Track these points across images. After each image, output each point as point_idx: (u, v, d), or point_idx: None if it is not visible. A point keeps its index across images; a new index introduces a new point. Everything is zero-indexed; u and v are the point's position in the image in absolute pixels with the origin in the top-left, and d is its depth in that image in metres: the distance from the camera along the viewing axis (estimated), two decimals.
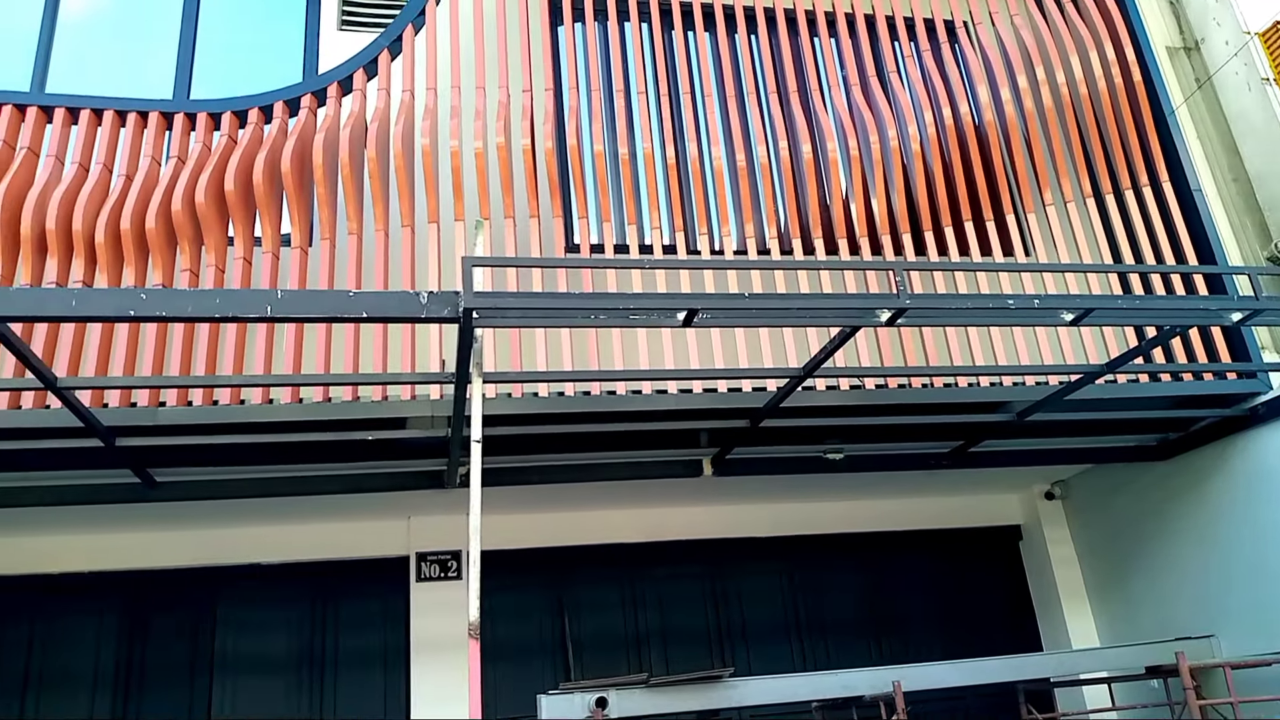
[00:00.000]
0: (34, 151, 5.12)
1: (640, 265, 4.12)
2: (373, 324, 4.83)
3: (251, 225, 5.16)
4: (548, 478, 5.65)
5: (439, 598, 6.59)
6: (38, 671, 6.31)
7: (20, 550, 6.28)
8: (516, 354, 5.05)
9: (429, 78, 5.53)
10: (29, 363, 3.79)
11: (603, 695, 5.06)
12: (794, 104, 6.15)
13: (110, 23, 6.66)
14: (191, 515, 5.97)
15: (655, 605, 7.14)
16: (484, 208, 5.30)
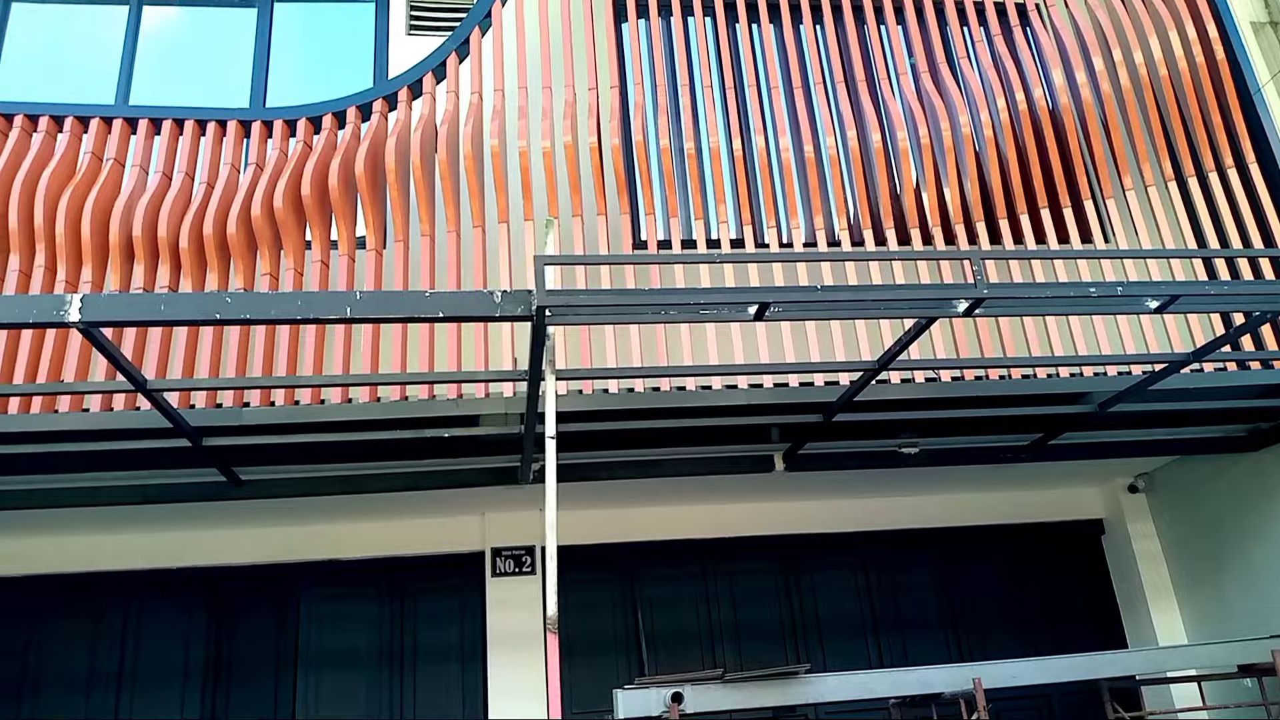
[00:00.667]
0: (120, 162, 5.31)
1: (710, 259, 4.11)
2: (447, 323, 4.90)
3: (328, 229, 5.27)
4: (619, 474, 5.67)
5: (514, 593, 6.66)
6: (131, 665, 6.55)
7: (114, 547, 6.52)
8: (586, 351, 5.08)
9: (496, 79, 5.59)
10: (120, 366, 3.92)
11: (678, 690, 5.04)
12: (862, 93, 6.07)
13: (188, 36, 6.87)
14: (275, 512, 6.13)
15: (728, 600, 7.12)
16: (552, 206, 5.34)
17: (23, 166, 5.10)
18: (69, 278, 4.99)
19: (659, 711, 5.14)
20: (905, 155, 5.86)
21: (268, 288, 5.10)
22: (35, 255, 5.01)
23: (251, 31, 6.62)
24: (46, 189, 5.04)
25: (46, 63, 6.61)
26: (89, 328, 3.51)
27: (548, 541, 3.67)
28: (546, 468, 3.80)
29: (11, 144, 5.17)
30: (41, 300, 3.50)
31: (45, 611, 6.56)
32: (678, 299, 3.69)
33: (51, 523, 6.08)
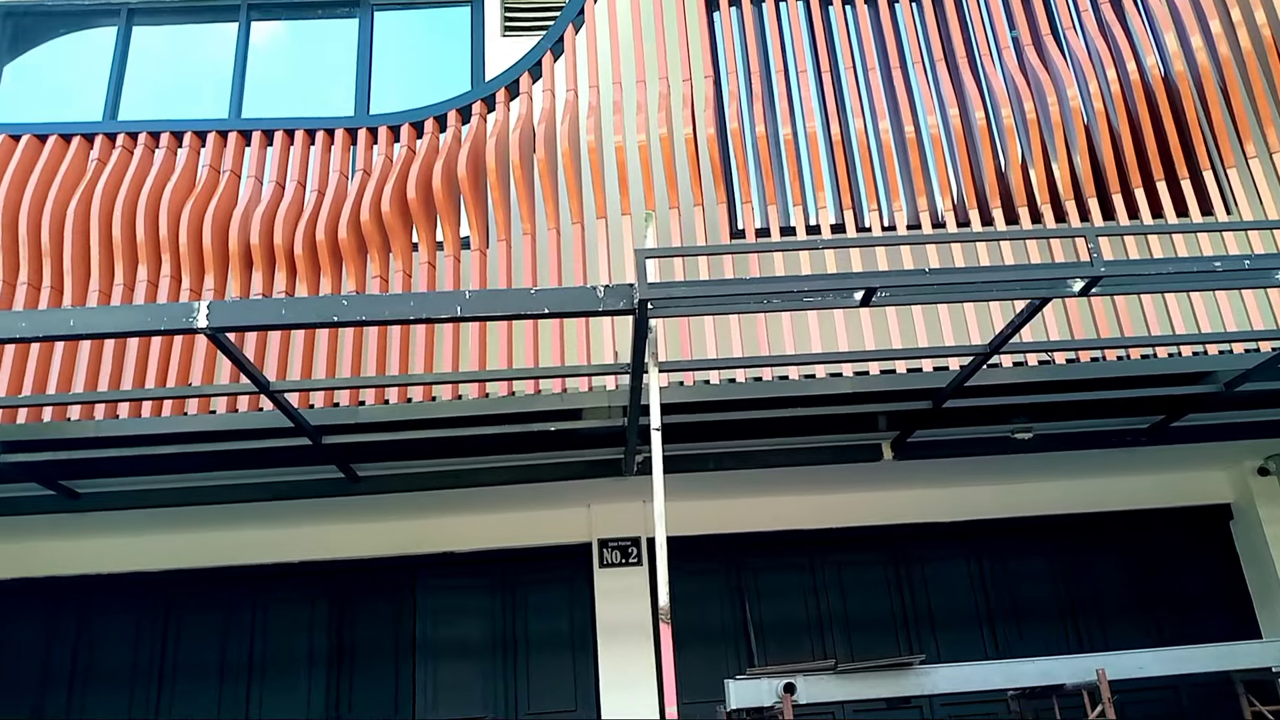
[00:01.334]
0: (236, 173, 5.55)
1: (812, 246, 4.06)
2: (550, 319, 4.97)
3: (433, 230, 5.41)
4: (723, 465, 5.66)
5: (621, 583, 6.73)
6: (260, 655, 6.85)
7: (242, 543, 6.83)
8: (686, 342, 5.09)
9: (591, 75, 5.64)
10: (244, 368, 4.10)
11: (790, 681, 5.02)
12: (963, 69, 5.91)
13: (291, 48, 7.13)
14: (390, 507, 6.32)
15: (836, 591, 7.05)
16: (649, 199, 5.36)
17: (147, 182, 5.38)
18: (193, 286, 5.25)
19: (771, 702, 5.12)
20: (1011, 131, 5.68)
21: (378, 290, 5.26)
22: (161, 266, 5.28)
23: (349, 41, 6.84)
24: (169, 202, 5.30)
25: (164, 81, 6.95)
26: (215, 333, 3.68)
27: (657, 532, 3.69)
28: (653, 460, 3.82)
29: (136, 161, 5.45)
30: (171, 309, 3.68)
31: (180, 604, 6.92)
32: (780, 287, 3.66)
33: (185, 520, 6.40)
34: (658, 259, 4.56)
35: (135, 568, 6.84)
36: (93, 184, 5.35)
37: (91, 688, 6.81)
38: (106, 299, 5.20)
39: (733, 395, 4.97)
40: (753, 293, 3.64)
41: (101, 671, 6.83)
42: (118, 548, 6.84)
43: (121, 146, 5.48)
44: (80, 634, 6.92)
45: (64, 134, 5.51)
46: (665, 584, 3.64)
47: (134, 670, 6.83)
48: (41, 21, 7.03)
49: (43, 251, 5.25)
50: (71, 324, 3.67)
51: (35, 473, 5.20)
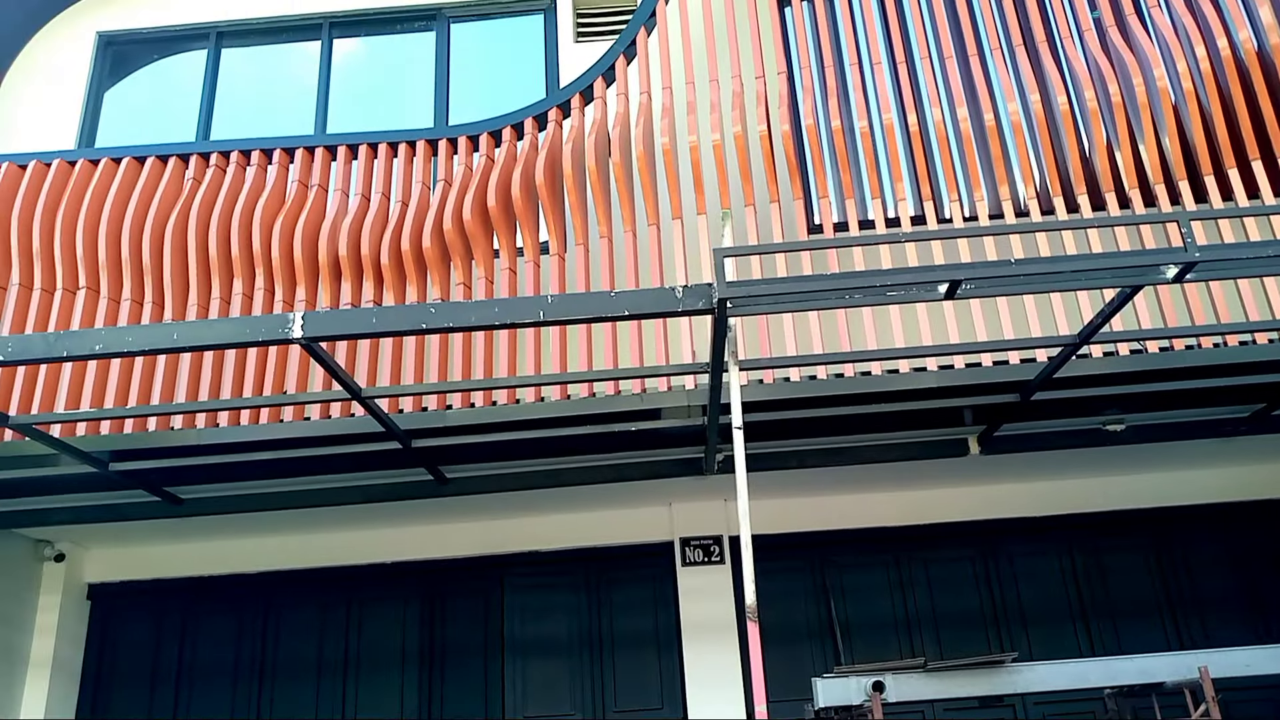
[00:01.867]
0: (323, 187, 5.73)
1: (894, 239, 4.01)
2: (630, 320, 5.01)
3: (513, 237, 5.51)
4: (806, 462, 5.64)
5: (704, 582, 6.75)
6: (355, 653, 7.06)
7: (335, 545, 7.06)
8: (765, 339, 5.09)
9: (664, 77, 5.67)
10: (337, 376, 4.24)
11: (879, 679, 4.97)
12: (1043, 54, 5.78)
13: (370, 64, 7.32)
14: (477, 507, 6.45)
15: (924, 588, 6.95)
16: (725, 198, 5.37)
17: (240, 198, 5.59)
18: (285, 297, 5.44)
19: (859, 700, 5.08)
20: (1095, 115, 5.53)
21: (461, 296, 5.38)
22: (255, 279, 5.48)
23: (426, 55, 6.99)
24: (261, 217, 5.50)
25: (253, 101, 7.21)
26: (310, 342, 3.82)
27: (741, 531, 3.71)
28: (736, 458, 3.84)
29: (229, 179, 5.67)
30: (267, 320, 3.84)
31: (279, 604, 7.18)
32: (862, 281, 3.64)
33: (282, 524, 6.64)
34: (735, 257, 4.56)
35: (236, 569, 7.12)
36: (189, 202, 5.58)
37: (197, 686, 7.10)
38: (205, 312, 5.42)
39: (814, 392, 4.95)
40: (834, 288, 3.63)
41: (206, 669, 7.12)
42: (219, 551, 7.13)
43: (215, 165, 5.70)
44: (185, 634, 7.22)
45: (161, 155, 5.76)
46: (751, 582, 3.65)
47: (236, 668, 7.10)
48: (137, 48, 7.35)
49: (144, 268, 5.49)
50: (175, 337, 3.85)
51: (142, 480, 5.45)
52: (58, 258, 5.50)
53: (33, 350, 3.88)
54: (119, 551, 7.25)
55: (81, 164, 5.69)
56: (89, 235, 5.51)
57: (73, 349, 3.79)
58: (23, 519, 6.08)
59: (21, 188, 5.61)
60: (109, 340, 3.81)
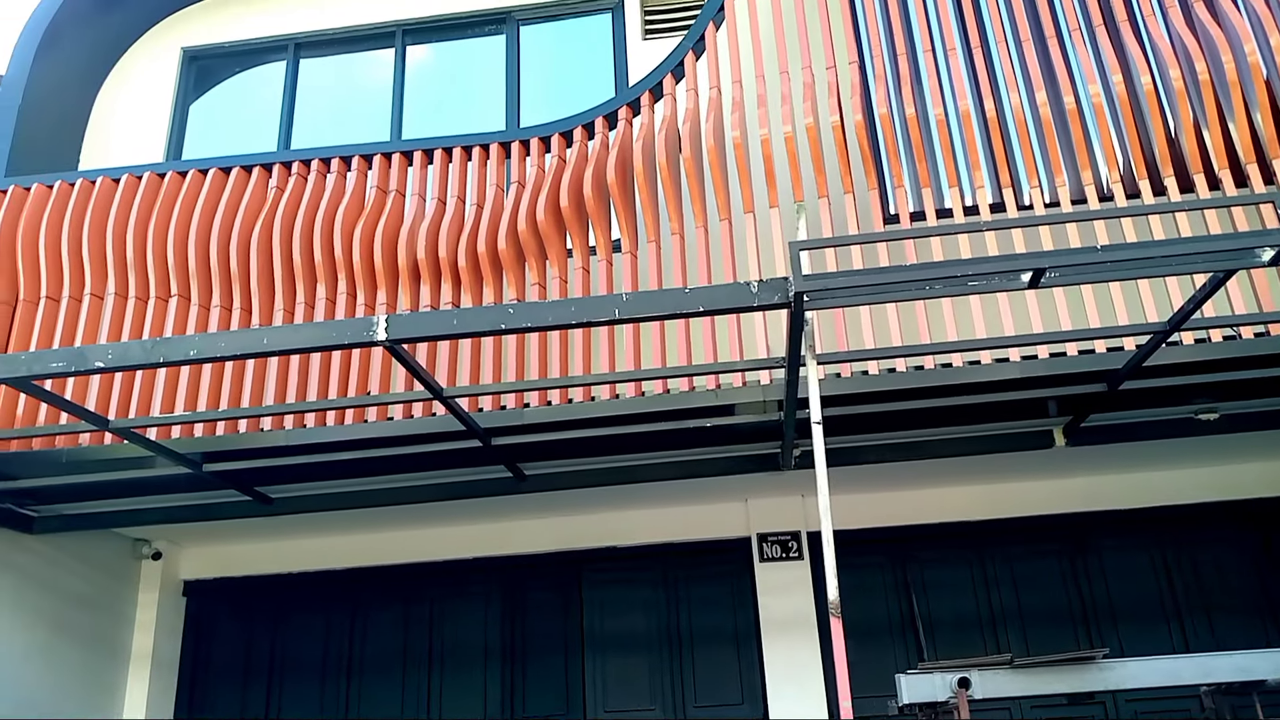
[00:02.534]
0: (400, 192, 5.84)
1: (974, 228, 3.94)
2: (704, 317, 5.01)
3: (586, 236, 5.54)
4: (885, 456, 5.57)
5: (783, 578, 6.72)
6: (439, 647, 7.21)
7: (418, 541, 7.20)
8: (841, 333, 5.03)
9: (734, 71, 5.65)
10: (420, 376, 4.32)
11: (965, 676, 4.89)
12: (1125, 33, 5.60)
13: (443, 70, 7.44)
14: (555, 504, 6.52)
15: (1008, 584, 6.81)
16: (797, 191, 5.33)
17: (321, 205, 5.73)
18: (367, 301, 5.56)
19: (945, 697, 5.01)
20: (1182, 94, 5.34)
21: (536, 296, 5.44)
22: (337, 283, 5.62)
23: (494, 58, 7.08)
24: (342, 223, 5.63)
25: (330, 109, 7.38)
26: (393, 344, 3.90)
27: (823, 526, 3.68)
28: (815, 453, 3.81)
29: (310, 187, 5.82)
30: (353, 324, 3.93)
31: (366, 600, 7.36)
32: (943, 272, 3.58)
33: (366, 521, 6.80)
34: (810, 250, 4.51)
35: (323, 566, 7.32)
36: (273, 210, 5.74)
37: (288, 679, 7.33)
38: (290, 317, 5.58)
39: (894, 385, 4.88)
40: (914, 279, 3.58)
41: (296, 664, 7.34)
42: (307, 548, 7.34)
43: (296, 174, 5.86)
44: (276, 629, 7.45)
45: (245, 165, 5.94)
46: (833, 578, 3.63)
47: (324, 663, 7.30)
48: (220, 62, 7.60)
49: (231, 275, 5.68)
50: (265, 342, 3.97)
51: (233, 480, 5.63)
52: (150, 267, 5.72)
53: (131, 357, 4.05)
54: (212, 549, 7.52)
55: (170, 176, 5.90)
56: (179, 244, 5.71)
57: (169, 355, 3.94)
58: (122, 519, 6.33)
59: (115, 200, 5.84)
60: (203, 346, 3.95)
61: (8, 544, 6.11)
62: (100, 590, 6.90)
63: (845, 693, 3.50)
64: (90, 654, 6.71)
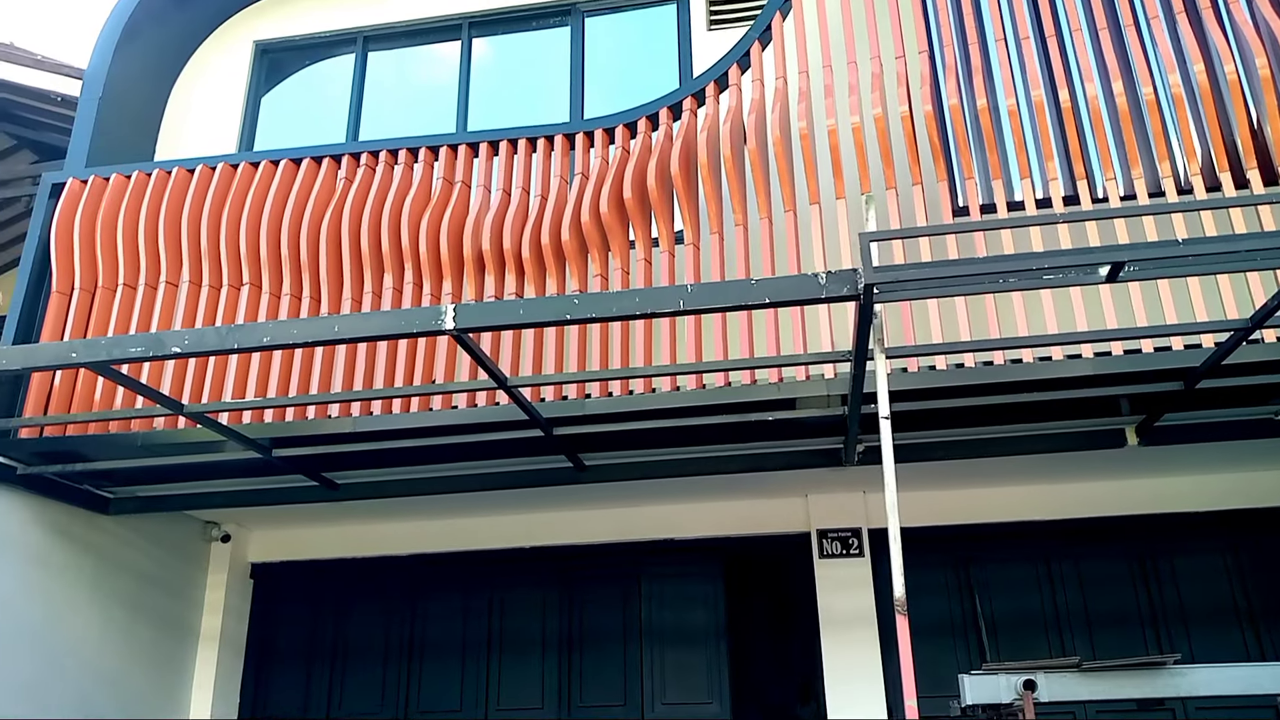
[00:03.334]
0: (465, 184, 5.89)
1: (1051, 220, 3.84)
2: (766, 309, 4.97)
3: (649, 227, 5.54)
4: (951, 454, 5.48)
5: (842, 575, 6.64)
6: (498, 635, 7.28)
7: (478, 529, 7.28)
8: (908, 327, 4.96)
9: (800, 60, 5.59)
10: (485, 365, 4.36)
11: (1031, 678, 4.80)
12: (1208, 20, 5.42)
13: (507, 63, 7.48)
14: (614, 495, 6.53)
15: (1075, 586, 6.66)
16: (864, 183, 5.26)
17: (389, 197, 5.80)
18: (433, 291, 5.63)
19: (1009, 699, 4.92)
20: (1267, 83, 5.14)
21: (599, 288, 5.45)
22: (404, 273, 5.68)
23: (566, 52, 7.10)
24: (409, 214, 5.70)
25: (398, 101, 7.47)
26: (460, 333, 3.94)
27: (890, 523, 3.64)
28: (883, 449, 3.76)
29: (378, 178, 5.90)
30: (421, 313, 3.98)
31: (427, 586, 7.46)
32: (1017, 265, 3.50)
33: (428, 508, 6.89)
34: (879, 242, 4.45)
35: (386, 552, 7.43)
36: (342, 201, 5.83)
37: (351, 662, 7.46)
38: (357, 305, 5.66)
39: (962, 381, 4.80)
40: (987, 272, 3.51)
41: (358, 647, 7.47)
42: (370, 534, 7.45)
43: (365, 165, 5.94)
44: (339, 612, 7.59)
45: (315, 156, 6.03)
46: (900, 575, 3.58)
47: (385, 647, 7.42)
48: (290, 55, 7.74)
49: (301, 265, 5.78)
50: (336, 329, 4.04)
51: (300, 465, 5.75)
52: (223, 255, 5.85)
53: (206, 343, 4.15)
54: (279, 533, 7.68)
55: (243, 167, 6.02)
56: (251, 234, 5.83)
57: (242, 341, 4.02)
58: (193, 501, 6.51)
59: (190, 190, 5.98)
60: (276, 333, 4.03)
61: (86, 525, 6.31)
62: (171, 571, 7.09)
63: (911, 691, 3.45)
64: (161, 633, 6.90)
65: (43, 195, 6.26)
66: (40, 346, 4.81)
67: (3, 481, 5.72)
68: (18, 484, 5.79)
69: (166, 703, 6.90)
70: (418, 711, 7.22)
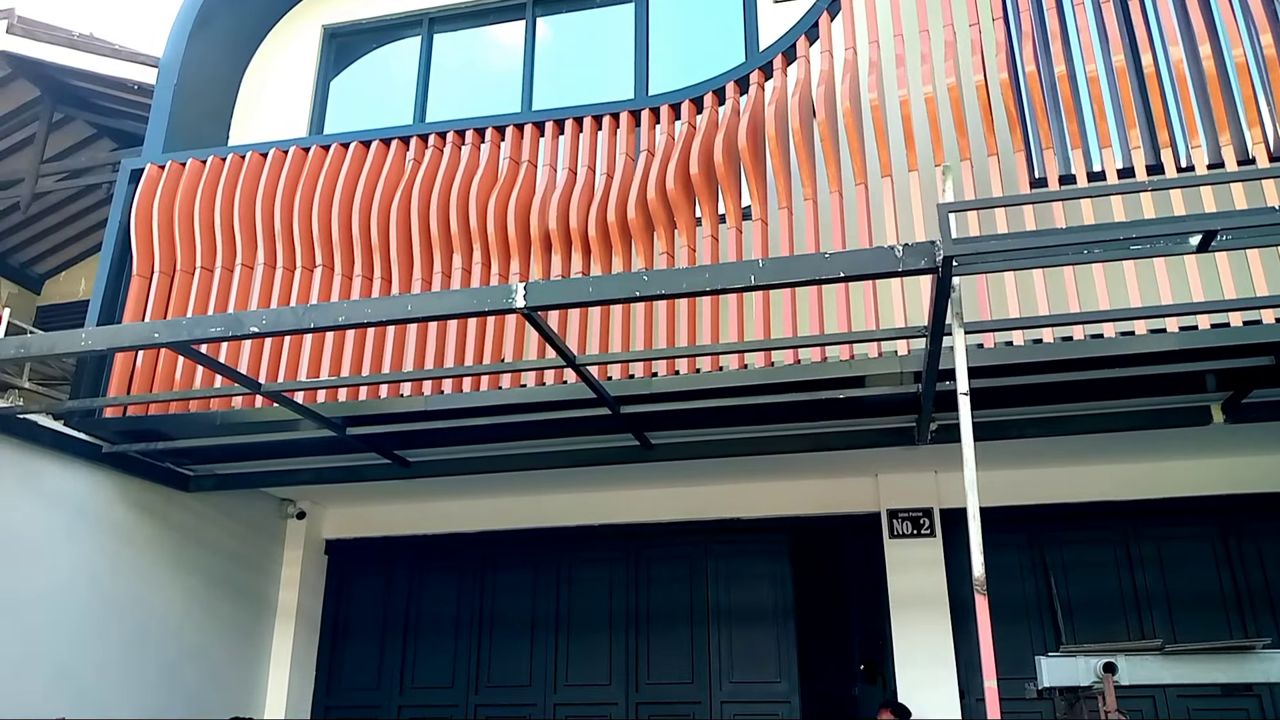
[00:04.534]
0: (532, 163, 5.89)
1: (1139, 188, 3.70)
2: (835, 284, 4.88)
3: (715, 203, 5.48)
4: (1027, 432, 5.35)
5: (913, 555, 6.57)
6: (566, 610, 7.35)
7: (546, 506, 7.34)
8: (984, 301, 4.83)
9: (870, 30, 5.47)
10: (554, 344, 4.36)
11: (1111, 660, 4.68)
12: None
13: (571, 40, 7.45)
14: (681, 473, 6.51)
15: (1155, 567, 6.48)
16: (937, 154, 5.14)
17: (456, 177, 5.83)
18: (500, 270, 5.65)
19: (1088, 682, 4.81)
20: None
21: (665, 265, 5.41)
22: (473, 253, 5.72)
23: (620, 27, 7.04)
24: (477, 194, 5.72)
25: (463, 82, 7.50)
26: (531, 311, 3.94)
27: (969, 502, 3.57)
28: (961, 426, 3.68)
29: (446, 159, 5.93)
30: (492, 291, 3.99)
31: (496, 562, 7.55)
32: (1104, 235, 3.38)
33: (498, 486, 6.97)
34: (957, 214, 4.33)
35: (456, 529, 7.54)
36: (410, 182, 5.88)
37: (423, 636, 7.60)
38: (427, 285, 5.71)
39: (1040, 356, 4.67)
40: (1072, 243, 3.39)
41: (430, 621, 7.61)
42: (441, 511, 7.57)
43: (432, 146, 5.98)
44: (411, 587, 7.73)
45: (384, 139, 6.09)
46: (979, 554, 3.51)
47: (456, 622, 7.54)
48: (358, 39, 7.81)
49: (372, 246, 5.84)
50: (409, 309, 4.08)
51: (374, 443, 5.85)
52: (295, 238, 5.94)
53: (283, 323, 4.21)
54: (352, 510, 7.84)
55: (314, 150, 6.10)
56: (323, 216, 5.92)
57: (319, 320, 4.08)
58: (270, 479, 6.67)
59: (263, 174, 6.08)
60: (350, 312, 4.08)
61: (167, 502, 6.51)
62: (249, 547, 7.29)
63: (991, 671, 3.39)
64: (240, 607, 7.10)
65: (122, 181, 6.43)
66: (124, 327, 4.96)
67: (89, 459, 5.91)
68: (104, 462, 5.98)
69: (247, 674, 7.11)
70: (487, 685, 7.33)
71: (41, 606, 5.51)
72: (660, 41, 6.97)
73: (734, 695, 6.84)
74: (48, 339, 4.87)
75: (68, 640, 5.64)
